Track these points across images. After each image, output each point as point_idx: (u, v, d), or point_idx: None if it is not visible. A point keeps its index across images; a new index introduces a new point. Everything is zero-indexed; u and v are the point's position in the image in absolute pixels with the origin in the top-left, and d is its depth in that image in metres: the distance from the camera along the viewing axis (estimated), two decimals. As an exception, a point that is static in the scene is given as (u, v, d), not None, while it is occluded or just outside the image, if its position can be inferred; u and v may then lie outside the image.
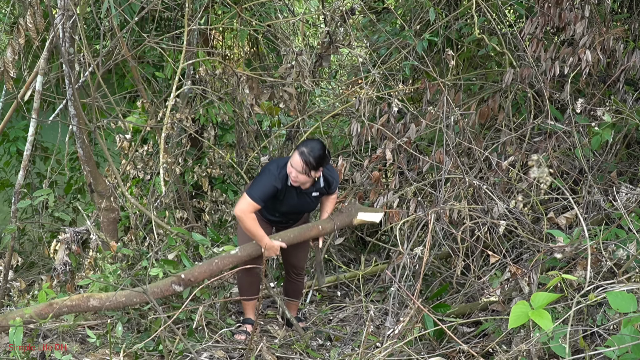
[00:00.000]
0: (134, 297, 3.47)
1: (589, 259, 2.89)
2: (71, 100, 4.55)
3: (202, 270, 3.59)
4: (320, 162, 3.73)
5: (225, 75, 5.32)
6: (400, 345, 3.07)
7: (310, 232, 4.00)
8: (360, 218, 4.05)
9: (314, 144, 3.76)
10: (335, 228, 4.08)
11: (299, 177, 3.73)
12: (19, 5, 5.95)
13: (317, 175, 3.79)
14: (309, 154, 3.69)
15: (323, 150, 3.75)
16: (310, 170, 3.71)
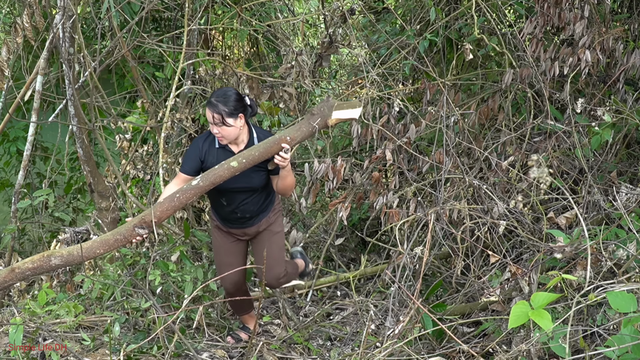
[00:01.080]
0: (96, 249, 3.13)
1: (589, 259, 2.89)
2: (71, 100, 4.55)
3: (165, 208, 3.19)
4: (233, 105, 3.35)
5: (225, 75, 5.32)
6: (400, 345, 3.07)
7: (277, 146, 3.35)
8: (337, 117, 3.46)
9: (222, 90, 3.44)
10: (307, 133, 3.46)
11: (222, 131, 3.37)
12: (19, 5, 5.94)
13: (239, 124, 3.38)
14: (217, 100, 3.34)
15: (236, 94, 3.39)
16: (225, 117, 3.32)
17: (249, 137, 3.48)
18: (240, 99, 3.40)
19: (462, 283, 4.45)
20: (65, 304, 3.74)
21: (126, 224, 3.17)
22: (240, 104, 3.38)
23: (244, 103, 3.41)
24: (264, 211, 3.69)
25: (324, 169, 4.56)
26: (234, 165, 3.22)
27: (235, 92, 3.42)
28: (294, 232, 4.99)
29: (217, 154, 3.44)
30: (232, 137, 3.40)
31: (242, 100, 3.40)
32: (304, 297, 4.98)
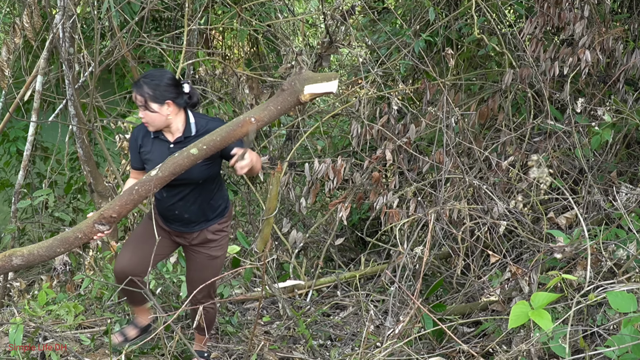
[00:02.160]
0: (57, 247, 3.00)
1: (589, 259, 2.89)
2: (71, 100, 4.55)
3: (123, 202, 2.99)
4: (161, 90, 3.00)
5: (225, 75, 5.32)
6: (400, 345, 3.07)
7: (241, 129, 2.97)
8: (310, 91, 3.03)
9: (155, 71, 3.11)
10: (274, 113, 3.02)
11: (145, 116, 3.04)
12: (19, 5, 5.95)
13: (165, 111, 3.03)
14: (144, 80, 3.01)
15: (169, 79, 3.05)
16: (148, 101, 2.99)
17: (186, 125, 3.11)
18: (174, 84, 3.04)
19: (462, 283, 4.45)
20: (65, 304, 3.74)
21: (86, 221, 3.02)
22: (170, 89, 3.01)
23: (177, 90, 3.04)
24: (208, 220, 3.27)
25: (324, 169, 4.56)
26: (194, 152, 2.92)
27: (170, 76, 3.07)
28: (294, 232, 4.98)
29: (152, 144, 3.15)
30: (156, 124, 3.05)
31: (175, 86, 3.04)
32: (304, 297, 4.98)
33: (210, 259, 3.32)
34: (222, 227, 3.31)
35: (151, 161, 3.13)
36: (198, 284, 3.21)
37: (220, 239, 3.32)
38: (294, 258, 5.09)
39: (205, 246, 3.30)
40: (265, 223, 4.94)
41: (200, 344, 3.60)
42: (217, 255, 3.33)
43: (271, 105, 2.98)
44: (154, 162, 3.08)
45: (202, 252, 3.30)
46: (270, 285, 4.55)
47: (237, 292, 4.71)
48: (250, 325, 4.30)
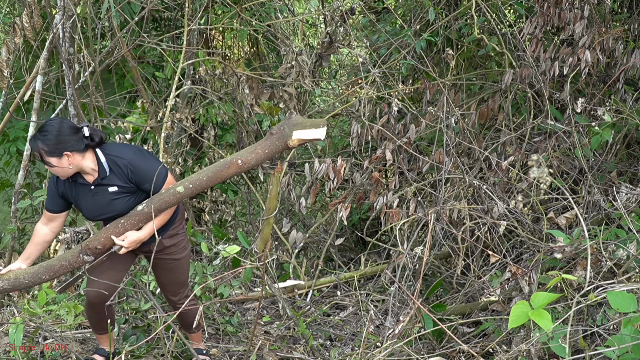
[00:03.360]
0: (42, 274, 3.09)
1: (589, 259, 2.89)
2: (71, 100, 4.55)
3: (108, 235, 3.06)
4: (54, 143, 2.89)
5: (225, 75, 5.32)
6: (400, 345, 3.07)
7: (227, 170, 3.02)
8: (298, 137, 3.05)
9: (46, 123, 2.98)
10: (261, 157, 3.06)
11: (53, 169, 2.99)
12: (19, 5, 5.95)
13: (65, 163, 2.94)
14: (37, 137, 2.93)
15: (58, 129, 2.92)
16: (45, 156, 2.92)
17: (98, 166, 3.03)
18: (70, 133, 2.93)
19: (462, 283, 4.45)
20: (65, 304, 3.73)
21: (71, 250, 3.13)
22: (66, 140, 2.91)
23: (74, 138, 2.94)
24: (159, 230, 3.16)
25: (324, 169, 4.56)
26: (180, 190, 3.00)
27: (66, 126, 2.96)
28: (294, 232, 4.98)
29: (75, 188, 3.09)
30: (64, 175, 3.01)
31: (72, 134, 2.94)
32: (304, 297, 4.98)
33: (175, 262, 3.30)
34: (176, 231, 3.28)
35: (84, 207, 3.11)
36: (171, 287, 3.24)
37: (178, 242, 3.30)
38: (294, 258, 5.09)
39: (166, 252, 3.27)
40: (265, 223, 4.95)
41: (196, 342, 3.61)
42: (180, 257, 3.32)
43: (259, 149, 3.05)
44: (86, 207, 3.09)
45: (164, 258, 3.28)
46: (270, 285, 4.55)
47: (237, 292, 4.71)
48: (250, 325, 4.30)
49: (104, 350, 3.43)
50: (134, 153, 3.07)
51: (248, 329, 4.24)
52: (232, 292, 4.60)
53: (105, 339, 3.43)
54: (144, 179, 3.02)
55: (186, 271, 3.38)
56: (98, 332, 3.42)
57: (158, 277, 3.39)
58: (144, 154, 3.11)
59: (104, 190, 3.04)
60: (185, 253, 3.36)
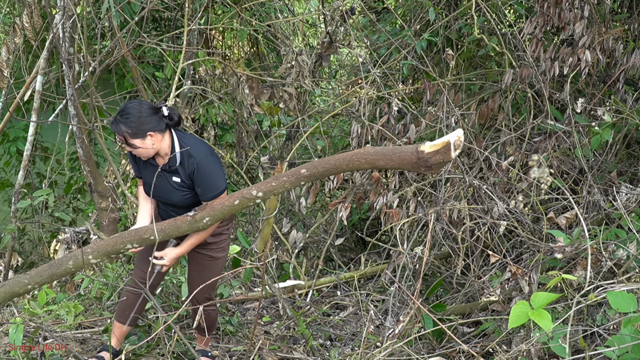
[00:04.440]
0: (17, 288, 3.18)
1: (589, 259, 2.89)
2: (71, 100, 4.55)
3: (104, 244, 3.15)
4: (136, 125, 2.93)
5: (225, 75, 5.32)
6: (400, 345, 3.07)
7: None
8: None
9: (126, 105, 3.00)
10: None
11: (133, 152, 3.05)
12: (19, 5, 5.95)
13: (149, 144, 2.98)
14: (119, 120, 2.95)
15: (139, 111, 2.96)
16: (129, 139, 2.96)
17: (171, 151, 3.06)
18: (150, 114, 2.97)
19: (462, 283, 4.45)
20: (65, 304, 3.73)
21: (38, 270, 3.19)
22: (148, 120, 2.95)
23: (155, 118, 2.98)
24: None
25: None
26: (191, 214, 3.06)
27: (145, 107, 2.99)
28: (294, 232, 4.99)
29: (148, 168, 3.16)
30: (145, 155, 3.05)
31: (152, 115, 2.97)
32: (304, 297, 4.98)
33: (211, 260, 3.31)
34: (221, 230, 3.30)
35: (146, 183, 3.18)
36: (198, 284, 3.21)
37: (220, 242, 3.32)
38: (294, 258, 5.09)
39: (206, 247, 3.29)
40: (265, 223, 4.95)
41: (202, 344, 3.60)
42: (217, 256, 3.32)
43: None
44: (148, 184, 3.15)
45: (202, 252, 3.29)
46: (270, 285, 4.55)
47: (237, 292, 4.71)
48: (250, 325, 4.30)
49: (112, 348, 3.42)
50: (207, 157, 3.07)
51: (248, 329, 4.24)
52: (232, 292, 4.61)
53: (119, 331, 3.41)
54: (199, 184, 3.04)
55: (218, 273, 3.35)
56: (117, 319, 3.41)
57: (190, 271, 3.41)
58: (215, 162, 3.09)
59: (168, 177, 3.08)
60: (224, 254, 3.35)
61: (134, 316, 3.36)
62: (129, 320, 3.37)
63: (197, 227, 3.04)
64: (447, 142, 2.71)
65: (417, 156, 2.75)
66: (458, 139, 2.73)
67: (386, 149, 2.92)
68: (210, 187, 3.04)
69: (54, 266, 3.13)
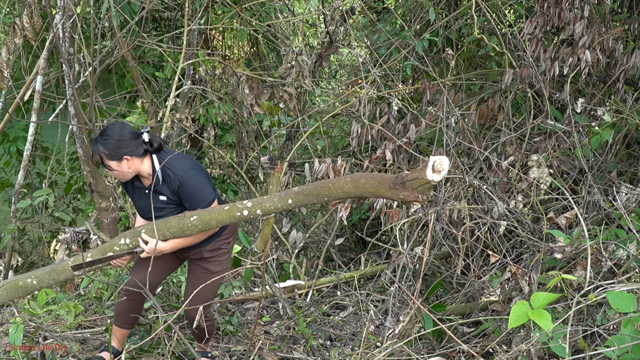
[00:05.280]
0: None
1: (589, 259, 2.89)
2: (71, 100, 4.55)
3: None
4: (114, 147, 2.99)
5: (225, 75, 5.32)
6: (400, 345, 3.07)
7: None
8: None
9: (108, 127, 3.06)
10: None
11: (113, 173, 3.12)
12: (19, 5, 5.95)
13: (125, 167, 3.04)
14: (98, 140, 3.03)
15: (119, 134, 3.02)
16: (105, 160, 3.03)
17: (152, 173, 3.11)
18: (130, 138, 3.03)
19: (462, 283, 4.45)
20: (65, 304, 3.74)
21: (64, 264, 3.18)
22: (126, 144, 3.01)
23: (134, 143, 3.03)
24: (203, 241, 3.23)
25: (324, 169, 4.56)
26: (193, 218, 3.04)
27: (127, 131, 3.05)
28: (294, 232, 4.99)
29: (132, 188, 3.23)
30: (122, 178, 3.13)
31: (130, 140, 3.02)
32: (304, 297, 4.98)
33: (208, 273, 3.27)
34: (219, 244, 3.28)
35: (137, 207, 3.24)
36: (194, 297, 3.18)
37: (218, 256, 3.30)
38: (294, 258, 5.09)
39: (204, 260, 3.28)
40: (265, 223, 4.95)
41: (202, 345, 3.60)
42: (215, 270, 3.29)
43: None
44: (139, 207, 3.22)
45: (200, 265, 3.29)
46: (270, 285, 4.55)
47: (237, 292, 4.71)
48: (250, 325, 4.30)
49: (114, 348, 3.43)
50: (188, 170, 3.09)
51: (248, 329, 4.25)
52: (232, 292, 4.61)
53: (119, 332, 3.44)
54: (186, 198, 3.08)
55: (214, 288, 3.34)
56: (116, 324, 3.42)
57: (188, 283, 3.39)
58: (199, 174, 3.12)
59: (156, 197, 3.13)
60: (221, 269, 3.32)
61: (132, 318, 3.38)
62: (127, 324, 3.40)
63: (184, 225, 3.02)
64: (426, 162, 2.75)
65: (396, 175, 2.85)
66: (440, 162, 2.73)
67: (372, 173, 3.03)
68: (198, 199, 3.06)
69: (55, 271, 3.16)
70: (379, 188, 2.89)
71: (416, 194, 2.79)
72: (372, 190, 2.94)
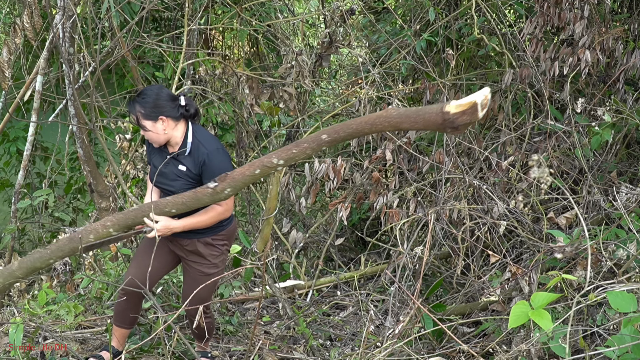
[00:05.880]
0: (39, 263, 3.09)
1: (589, 259, 2.89)
2: (71, 100, 4.55)
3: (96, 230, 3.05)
4: (151, 107, 3.00)
5: (225, 75, 5.32)
6: (400, 345, 3.07)
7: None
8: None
9: (146, 88, 3.09)
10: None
11: (144, 134, 3.10)
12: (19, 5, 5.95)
13: (160, 128, 3.03)
14: (136, 99, 3.03)
15: (157, 95, 3.03)
16: (141, 120, 3.02)
17: (184, 140, 3.11)
18: (167, 99, 3.03)
19: (462, 283, 4.45)
20: (65, 304, 3.74)
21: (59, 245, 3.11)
22: (163, 105, 3.01)
23: (171, 104, 3.04)
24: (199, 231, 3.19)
25: (324, 169, 4.56)
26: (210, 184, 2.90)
27: (164, 93, 3.05)
28: (294, 232, 4.99)
29: (158, 154, 3.19)
30: (156, 140, 3.09)
31: (169, 100, 3.04)
32: (304, 297, 4.98)
33: (202, 276, 3.24)
34: (214, 242, 3.25)
35: (152, 166, 3.21)
36: (189, 295, 3.15)
37: (212, 256, 3.26)
38: (294, 258, 5.09)
39: (198, 262, 3.25)
40: (265, 223, 4.95)
41: (201, 345, 3.60)
42: (209, 272, 3.26)
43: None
44: (154, 170, 3.18)
45: (194, 267, 3.26)
46: (270, 285, 4.55)
47: (237, 292, 4.71)
48: (250, 325, 4.30)
49: (113, 348, 3.42)
50: (218, 149, 3.09)
51: (248, 329, 4.25)
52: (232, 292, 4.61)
53: (119, 332, 3.42)
54: (207, 175, 3.02)
55: (209, 290, 3.27)
56: (116, 323, 3.40)
57: (184, 285, 3.36)
58: (225, 156, 3.11)
59: (175, 164, 3.09)
60: (215, 271, 3.28)
61: (132, 317, 3.37)
62: (126, 323, 3.38)
63: (219, 198, 2.94)
64: (473, 103, 2.54)
65: (443, 117, 2.60)
66: (485, 98, 2.58)
67: (410, 110, 2.79)
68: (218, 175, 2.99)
69: (74, 240, 3.01)
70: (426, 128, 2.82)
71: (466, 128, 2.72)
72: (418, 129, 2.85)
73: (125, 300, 3.30)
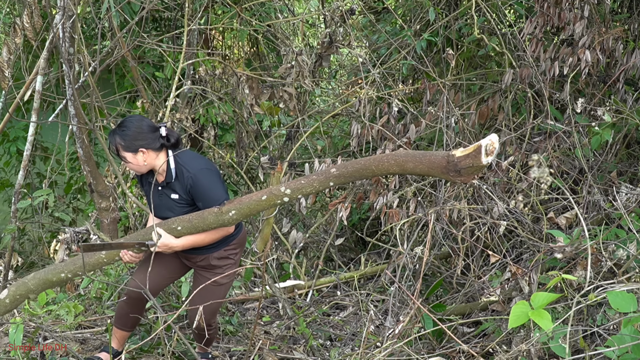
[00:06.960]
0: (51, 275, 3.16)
1: (589, 259, 2.89)
2: (71, 100, 4.54)
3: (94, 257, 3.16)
4: (130, 139, 2.99)
5: (225, 75, 5.32)
6: (400, 345, 3.07)
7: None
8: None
9: (127, 119, 3.08)
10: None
11: (128, 165, 3.10)
12: (19, 5, 5.95)
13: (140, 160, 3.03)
14: (115, 131, 3.03)
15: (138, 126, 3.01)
16: (121, 151, 3.03)
17: (167, 169, 3.10)
18: (147, 131, 3.02)
19: (462, 283, 4.45)
20: (65, 304, 3.74)
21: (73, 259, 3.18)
22: (143, 137, 3.00)
23: (151, 136, 3.02)
24: (211, 247, 3.22)
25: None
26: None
27: (139, 124, 3.03)
28: (294, 232, 4.99)
29: (147, 186, 3.20)
30: (137, 171, 3.11)
31: (147, 133, 3.02)
32: (304, 297, 4.98)
33: (215, 285, 3.23)
34: (227, 253, 3.26)
35: (150, 202, 3.21)
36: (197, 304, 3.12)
37: (225, 266, 3.27)
38: (294, 258, 5.09)
39: (210, 271, 3.26)
40: (265, 223, 4.95)
41: (202, 346, 3.59)
42: (222, 282, 3.27)
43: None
44: (151, 203, 3.18)
45: (206, 276, 3.24)
46: (270, 285, 4.55)
47: (237, 292, 4.71)
48: (250, 325, 4.30)
49: (113, 349, 3.42)
50: (202, 169, 3.08)
51: (248, 329, 4.25)
52: (232, 292, 4.61)
53: (119, 334, 3.43)
54: (199, 197, 3.05)
55: (219, 298, 3.29)
56: (117, 325, 3.41)
57: (193, 288, 3.34)
58: (212, 174, 3.09)
59: (168, 194, 3.12)
60: (227, 281, 3.31)
61: (132, 321, 3.38)
62: (128, 326, 3.40)
63: (223, 220, 2.99)
64: (478, 146, 2.62)
65: (447, 160, 2.67)
66: (491, 144, 2.63)
67: (417, 152, 2.87)
68: (210, 198, 3.04)
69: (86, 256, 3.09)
70: (430, 172, 2.80)
71: (472, 177, 2.73)
72: (421, 173, 2.89)
73: (128, 304, 3.32)
